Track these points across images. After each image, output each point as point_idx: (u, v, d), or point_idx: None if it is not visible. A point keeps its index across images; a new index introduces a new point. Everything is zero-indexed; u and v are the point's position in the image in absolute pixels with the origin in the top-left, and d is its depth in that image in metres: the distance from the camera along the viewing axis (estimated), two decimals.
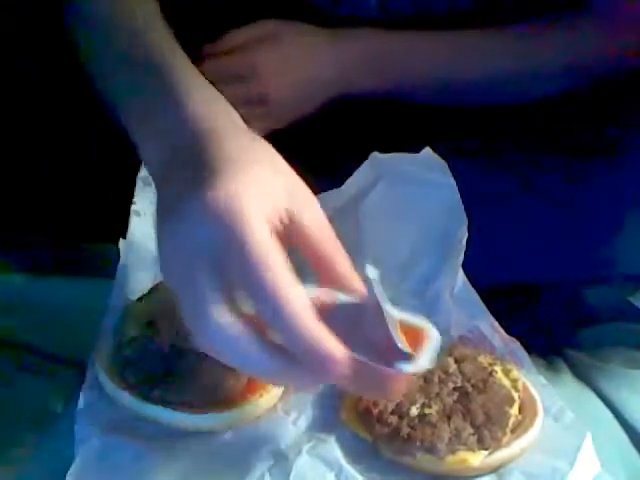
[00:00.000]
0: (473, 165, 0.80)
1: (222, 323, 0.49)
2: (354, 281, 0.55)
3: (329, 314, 0.52)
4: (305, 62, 0.81)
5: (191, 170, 0.54)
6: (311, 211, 0.56)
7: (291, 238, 0.54)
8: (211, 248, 0.51)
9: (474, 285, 0.73)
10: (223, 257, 0.50)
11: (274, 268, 0.49)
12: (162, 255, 0.53)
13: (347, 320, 0.53)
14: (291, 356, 0.50)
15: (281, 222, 0.53)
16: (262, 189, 0.53)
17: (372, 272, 0.56)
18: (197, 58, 0.77)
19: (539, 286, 0.78)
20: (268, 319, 0.50)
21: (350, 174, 0.76)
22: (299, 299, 0.49)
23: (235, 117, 0.60)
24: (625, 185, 0.83)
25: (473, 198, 0.74)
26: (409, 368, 0.52)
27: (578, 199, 0.82)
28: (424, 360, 0.53)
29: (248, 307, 0.51)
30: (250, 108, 0.79)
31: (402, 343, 0.53)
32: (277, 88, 0.80)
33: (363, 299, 0.55)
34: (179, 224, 0.52)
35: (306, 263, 0.56)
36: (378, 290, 0.55)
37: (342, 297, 0.55)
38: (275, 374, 0.51)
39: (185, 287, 0.51)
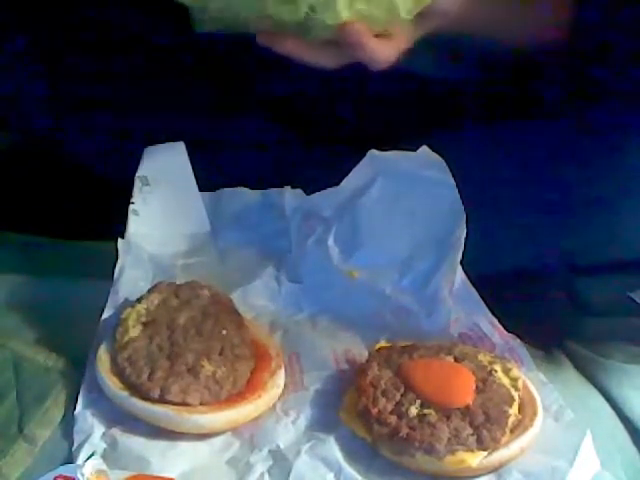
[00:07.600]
0: (471, 156, 0.80)
1: None
2: None
3: None
4: None
5: None
6: None
7: None
8: None
9: (473, 276, 0.73)
10: None
11: None
12: None
13: None
14: None
15: None
16: None
17: None
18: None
19: (539, 279, 0.78)
20: None
21: (348, 171, 0.76)
22: None
23: None
24: (625, 172, 0.82)
25: (472, 189, 0.73)
26: None
27: (576, 188, 0.81)
28: None
29: None
30: None
31: None
32: None
33: None
34: None
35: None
36: None
37: None
38: None
39: None
